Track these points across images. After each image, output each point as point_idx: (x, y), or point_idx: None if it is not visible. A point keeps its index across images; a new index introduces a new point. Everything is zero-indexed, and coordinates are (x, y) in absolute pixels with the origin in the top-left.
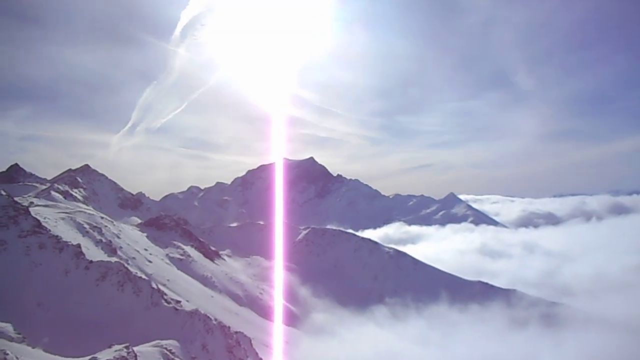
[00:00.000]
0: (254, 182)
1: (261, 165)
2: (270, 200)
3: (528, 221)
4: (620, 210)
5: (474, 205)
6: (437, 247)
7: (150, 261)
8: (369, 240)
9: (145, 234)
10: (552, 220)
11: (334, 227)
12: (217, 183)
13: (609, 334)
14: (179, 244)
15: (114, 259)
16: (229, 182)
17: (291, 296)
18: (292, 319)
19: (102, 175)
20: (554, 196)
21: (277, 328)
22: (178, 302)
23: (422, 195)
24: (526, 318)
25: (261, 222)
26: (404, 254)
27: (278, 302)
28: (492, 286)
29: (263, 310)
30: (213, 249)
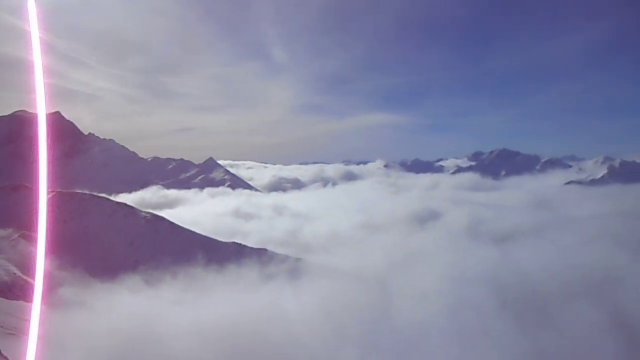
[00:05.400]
0: None
1: None
2: (4, 159)
3: (278, 186)
4: (350, 177)
5: (232, 170)
6: (195, 210)
7: None
8: (124, 204)
9: None
10: (297, 185)
11: (85, 191)
12: None
13: (339, 281)
14: None
15: None
16: None
17: (31, 269)
18: (33, 294)
19: None
20: (300, 163)
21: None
22: None
23: (182, 159)
24: (274, 273)
25: None
26: (162, 218)
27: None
28: (245, 246)
29: None
30: None
